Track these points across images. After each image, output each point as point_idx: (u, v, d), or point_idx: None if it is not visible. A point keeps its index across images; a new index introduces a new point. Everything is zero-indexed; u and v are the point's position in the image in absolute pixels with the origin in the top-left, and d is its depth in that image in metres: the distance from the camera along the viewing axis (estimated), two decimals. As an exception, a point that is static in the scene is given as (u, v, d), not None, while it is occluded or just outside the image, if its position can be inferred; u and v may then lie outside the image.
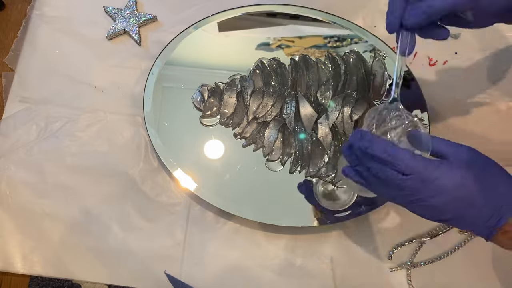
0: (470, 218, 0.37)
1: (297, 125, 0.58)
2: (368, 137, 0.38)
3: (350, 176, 0.41)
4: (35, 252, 0.53)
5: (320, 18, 0.66)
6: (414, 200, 0.37)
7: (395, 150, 0.37)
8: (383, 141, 0.38)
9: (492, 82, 0.65)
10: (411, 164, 0.36)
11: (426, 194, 0.37)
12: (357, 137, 0.39)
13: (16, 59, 0.62)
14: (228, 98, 0.60)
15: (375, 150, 0.37)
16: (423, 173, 0.36)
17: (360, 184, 0.41)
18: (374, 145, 0.37)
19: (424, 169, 0.36)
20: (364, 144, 0.38)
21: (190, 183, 0.55)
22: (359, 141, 0.38)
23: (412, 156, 0.37)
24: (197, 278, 0.53)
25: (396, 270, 0.55)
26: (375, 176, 0.38)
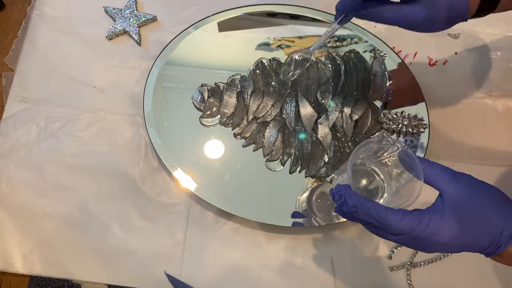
0: (469, 250, 0.37)
1: (297, 125, 0.58)
2: (352, 202, 0.37)
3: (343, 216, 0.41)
4: (35, 252, 0.53)
5: (320, 18, 0.66)
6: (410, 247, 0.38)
7: (382, 214, 0.36)
8: (369, 205, 0.37)
9: (492, 82, 0.66)
10: (400, 226, 0.36)
11: (420, 247, 0.37)
12: (341, 201, 0.38)
13: (16, 59, 0.62)
14: (228, 98, 0.60)
15: (361, 216, 0.37)
16: (413, 233, 0.36)
17: None
18: (360, 211, 0.37)
19: (413, 230, 0.36)
20: (349, 209, 0.37)
21: (190, 183, 0.55)
22: (344, 206, 0.38)
23: (400, 218, 0.36)
24: (197, 278, 0.53)
25: (396, 270, 0.55)
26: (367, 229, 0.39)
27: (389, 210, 0.36)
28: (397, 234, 0.36)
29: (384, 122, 0.58)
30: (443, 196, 0.37)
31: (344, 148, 0.57)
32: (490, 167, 0.60)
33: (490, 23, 0.69)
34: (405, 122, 0.58)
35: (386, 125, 0.58)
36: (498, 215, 0.36)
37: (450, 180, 0.37)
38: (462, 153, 0.61)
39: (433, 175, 0.38)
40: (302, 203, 0.55)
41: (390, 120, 0.58)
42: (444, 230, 0.36)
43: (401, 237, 0.36)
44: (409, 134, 0.58)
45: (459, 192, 0.37)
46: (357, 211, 0.37)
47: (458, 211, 0.36)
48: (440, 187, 0.37)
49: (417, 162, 0.38)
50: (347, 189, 0.38)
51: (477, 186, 0.38)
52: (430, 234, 0.35)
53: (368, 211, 0.36)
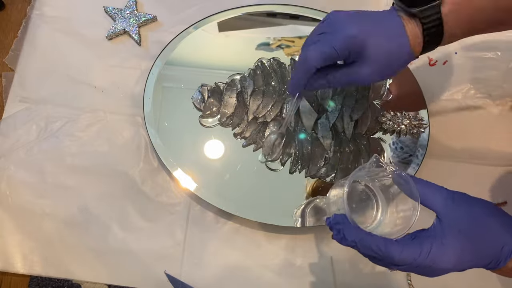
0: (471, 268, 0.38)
1: (297, 125, 0.58)
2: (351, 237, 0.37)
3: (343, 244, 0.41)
4: (35, 252, 0.53)
5: (320, 18, 0.66)
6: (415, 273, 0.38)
7: (382, 248, 0.36)
8: (369, 239, 0.37)
9: (492, 82, 0.65)
10: (401, 257, 0.36)
11: (424, 273, 0.38)
12: (340, 236, 0.38)
13: (16, 59, 0.62)
14: (228, 98, 0.60)
15: (362, 250, 0.37)
16: (415, 263, 0.36)
17: None
18: (360, 246, 0.37)
19: (414, 260, 0.36)
20: (349, 244, 0.38)
21: (190, 183, 0.55)
22: (343, 241, 0.38)
23: (401, 250, 0.36)
24: (197, 278, 0.53)
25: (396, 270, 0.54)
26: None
27: (388, 243, 0.37)
28: (399, 265, 0.37)
29: (384, 122, 0.58)
30: (440, 218, 0.37)
31: (344, 148, 0.57)
32: (490, 167, 0.60)
33: (490, 23, 0.69)
34: (405, 122, 0.58)
35: (386, 125, 0.58)
36: (497, 232, 0.37)
37: (446, 201, 0.38)
38: (462, 153, 0.61)
39: (428, 196, 0.38)
40: (296, 221, 0.54)
41: (390, 120, 0.58)
42: (445, 257, 0.36)
43: (403, 267, 0.37)
44: (409, 134, 0.58)
45: (456, 213, 0.37)
46: (357, 246, 0.37)
47: (457, 234, 0.36)
48: (437, 209, 0.38)
49: (412, 185, 0.38)
50: (345, 222, 0.38)
51: (473, 205, 0.38)
52: (432, 262, 0.36)
53: (368, 245, 0.37)
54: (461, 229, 0.37)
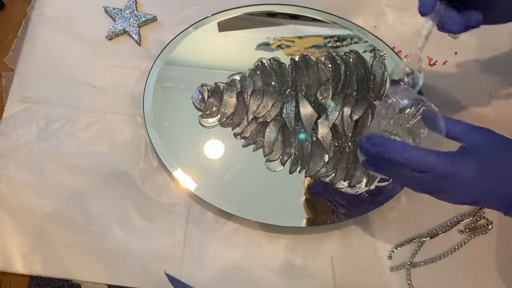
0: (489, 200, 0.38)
1: (297, 125, 0.58)
2: (381, 141, 0.38)
3: (370, 170, 0.42)
4: (35, 252, 0.53)
5: (320, 18, 0.66)
6: (433, 191, 0.39)
7: (410, 151, 0.37)
8: (397, 143, 0.38)
9: (492, 82, 0.65)
10: (427, 160, 0.37)
11: (443, 187, 0.38)
12: (369, 143, 0.39)
13: (16, 59, 0.62)
14: (228, 98, 0.60)
15: (390, 154, 0.38)
16: (437, 170, 0.37)
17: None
18: (388, 149, 0.38)
19: (438, 166, 0.37)
20: (378, 150, 0.38)
21: (190, 183, 0.55)
22: (372, 148, 0.39)
23: (425, 154, 0.37)
24: (197, 278, 0.53)
25: (396, 270, 0.55)
26: (393, 176, 0.40)
27: (415, 148, 0.38)
28: (423, 172, 0.37)
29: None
30: (464, 144, 0.38)
31: (344, 148, 0.57)
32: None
33: (490, 23, 0.69)
34: None
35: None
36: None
37: (471, 131, 0.39)
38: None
39: (453, 127, 0.40)
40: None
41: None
42: (468, 167, 0.37)
43: (426, 174, 0.37)
44: (409, 134, 0.58)
45: (480, 140, 0.38)
46: (384, 150, 0.38)
47: (481, 154, 0.37)
48: (462, 138, 0.39)
49: (439, 117, 0.40)
50: (375, 133, 0.40)
51: (497, 137, 0.39)
52: (455, 170, 0.36)
53: (395, 149, 0.37)
54: (485, 151, 0.37)
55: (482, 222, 0.57)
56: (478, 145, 0.38)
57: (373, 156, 0.40)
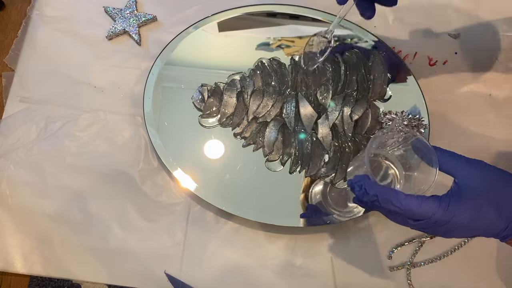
0: (485, 234, 0.38)
1: (297, 125, 0.58)
2: (373, 191, 0.38)
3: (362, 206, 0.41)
4: (35, 252, 0.53)
5: (320, 18, 0.66)
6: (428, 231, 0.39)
7: (403, 201, 0.37)
8: (390, 193, 0.38)
9: (492, 82, 0.65)
10: (420, 210, 0.37)
11: (438, 231, 0.38)
12: (362, 192, 0.39)
13: (16, 59, 0.62)
14: (228, 98, 0.59)
15: (383, 204, 0.38)
16: (432, 219, 0.37)
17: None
18: (381, 200, 0.37)
19: (433, 215, 0.37)
20: (370, 199, 0.38)
21: (190, 183, 0.55)
22: (365, 196, 0.38)
23: (420, 203, 0.37)
24: (197, 278, 0.53)
25: (396, 270, 0.55)
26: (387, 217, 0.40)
27: (409, 197, 0.37)
28: (418, 220, 0.37)
29: (384, 122, 0.58)
30: (458, 181, 0.38)
31: (344, 148, 0.57)
32: (490, 167, 0.60)
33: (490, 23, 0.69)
34: (405, 122, 0.58)
35: (386, 125, 0.58)
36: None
37: (463, 166, 0.39)
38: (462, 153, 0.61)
39: (447, 162, 0.39)
40: (316, 195, 0.54)
41: (390, 120, 0.58)
42: (462, 212, 0.36)
43: (421, 222, 0.37)
44: (409, 134, 0.58)
45: (473, 176, 0.38)
46: (378, 200, 0.38)
47: (474, 193, 0.37)
48: (454, 173, 0.39)
49: (431, 150, 0.39)
50: (366, 178, 0.39)
51: (490, 170, 0.39)
52: (450, 217, 0.36)
53: (389, 199, 0.37)
54: (478, 190, 0.37)
55: (482, 222, 0.57)
56: (471, 182, 0.38)
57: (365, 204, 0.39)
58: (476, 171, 0.38)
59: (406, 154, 0.44)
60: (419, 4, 0.70)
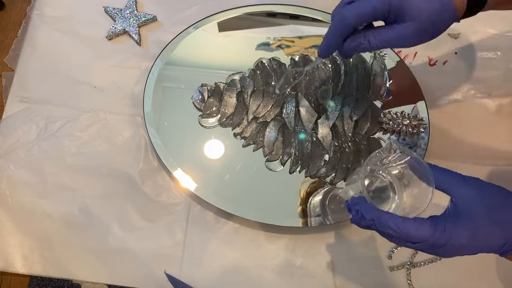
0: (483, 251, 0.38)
1: (297, 125, 0.58)
2: (370, 216, 0.38)
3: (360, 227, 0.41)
4: (35, 252, 0.53)
5: (320, 18, 0.66)
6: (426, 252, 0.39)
7: (400, 225, 0.37)
8: (387, 217, 0.38)
9: (492, 82, 0.65)
10: (418, 234, 0.37)
11: (436, 252, 0.38)
12: (359, 216, 0.39)
13: (16, 59, 0.62)
14: (228, 98, 0.59)
15: (379, 228, 0.38)
16: (429, 241, 0.37)
17: None
18: (377, 224, 0.38)
19: (430, 238, 0.37)
20: (367, 223, 0.38)
21: (190, 183, 0.55)
22: (362, 220, 0.38)
23: (417, 226, 0.37)
24: (197, 278, 0.53)
25: (396, 270, 0.55)
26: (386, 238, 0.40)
27: (406, 221, 0.37)
28: (416, 242, 0.37)
29: (384, 122, 0.58)
30: (455, 200, 0.38)
31: (344, 148, 0.57)
32: (490, 167, 0.60)
33: (490, 23, 0.69)
34: (405, 122, 0.58)
35: (386, 125, 0.58)
36: (509, 214, 0.37)
37: (460, 185, 0.38)
38: (462, 153, 0.61)
39: (443, 180, 0.39)
40: (315, 208, 0.54)
41: (390, 120, 0.58)
42: (460, 234, 0.36)
43: (419, 244, 0.37)
44: (409, 134, 0.58)
45: (470, 195, 0.38)
46: (374, 224, 0.38)
47: (471, 213, 0.37)
48: (451, 192, 0.38)
49: (427, 169, 0.39)
50: (363, 202, 0.39)
51: (486, 188, 0.38)
52: (447, 239, 0.36)
53: (386, 223, 0.37)
54: (475, 209, 0.37)
55: (482, 222, 0.56)
56: (468, 202, 0.38)
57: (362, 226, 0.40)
58: (473, 190, 0.38)
59: (402, 172, 0.44)
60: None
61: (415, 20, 0.42)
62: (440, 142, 0.61)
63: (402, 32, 0.42)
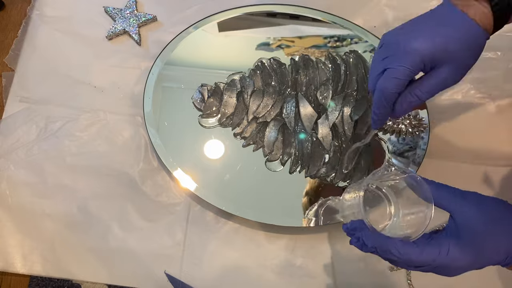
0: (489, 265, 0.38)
1: (297, 125, 0.58)
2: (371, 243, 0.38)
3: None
4: (35, 252, 0.53)
5: (320, 18, 0.66)
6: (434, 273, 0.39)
7: (402, 251, 0.37)
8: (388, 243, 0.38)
9: (492, 82, 0.65)
10: (421, 259, 0.37)
11: (440, 272, 0.38)
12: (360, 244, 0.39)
13: (16, 59, 0.62)
14: (228, 98, 0.59)
15: (381, 254, 0.38)
16: (434, 263, 0.37)
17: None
18: (379, 251, 0.38)
19: (433, 261, 0.37)
20: (369, 251, 0.38)
21: (190, 183, 0.55)
22: (364, 248, 0.38)
23: (420, 252, 0.37)
24: (197, 278, 0.53)
25: (396, 270, 0.54)
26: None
27: (407, 246, 0.37)
28: (419, 266, 0.37)
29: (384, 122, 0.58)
30: (454, 218, 0.38)
31: (344, 148, 0.57)
32: (490, 167, 0.60)
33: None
34: (405, 122, 0.58)
35: (386, 125, 0.58)
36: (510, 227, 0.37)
37: (459, 201, 0.38)
38: (462, 153, 0.61)
39: (441, 197, 0.39)
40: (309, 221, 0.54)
41: (390, 120, 0.58)
42: (463, 255, 0.37)
43: (423, 268, 0.38)
44: (409, 134, 0.58)
45: (469, 211, 0.37)
46: (377, 251, 0.38)
47: (473, 230, 0.37)
48: (450, 209, 0.38)
49: (425, 187, 0.39)
50: (363, 228, 0.39)
51: (486, 203, 0.38)
52: (451, 260, 0.37)
53: (387, 250, 0.37)
54: (476, 226, 0.37)
55: (482, 222, 0.56)
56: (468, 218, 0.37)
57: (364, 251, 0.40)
58: (472, 206, 0.38)
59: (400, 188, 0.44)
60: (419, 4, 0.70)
61: (453, 60, 0.41)
62: (440, 142, 0.61)
63: (444, 77, 0.42)
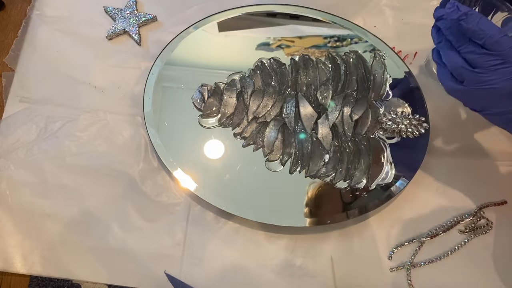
0: None
1: (297, 125, 0.58)
2: (465, 9, 0.38)
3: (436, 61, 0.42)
4: (35, 252, 0.53)
5: (320, 18, 0.66)
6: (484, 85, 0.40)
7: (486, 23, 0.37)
8: (478, 13, 0.38)
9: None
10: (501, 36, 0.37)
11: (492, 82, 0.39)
12: (453, 9, 0.39)
13: (16, 59, 0.62)
14: (228, 98, 0.60)
15: (469, 24, 0.38)
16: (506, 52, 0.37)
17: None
18: (469, 18, 0.38)
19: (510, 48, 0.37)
20: (460, 16, 0.38)
21: (190, 183, 0.55)
22: (455, 13, 0.38)
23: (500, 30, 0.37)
24: (197, 278, 0.53)
25: (396, 270, 0.55)
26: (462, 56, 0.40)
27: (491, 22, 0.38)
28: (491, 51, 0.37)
29: (384, 122, 0.58)
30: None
31: (344, 148, 0.57)
32: (490, 166, 0.60)
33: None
34: (405, 122, 0.58)
35: (386, 125, 0.58)
36: None
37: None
38: (462, 152, 0.61)
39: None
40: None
41: (390, 120, 0.58)
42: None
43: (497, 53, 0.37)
44: (409, 134, 0.58)
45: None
46: (466, 19, 0.38)
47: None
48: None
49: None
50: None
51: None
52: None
53: (476, 19, 0.37)
54: None
55: (482, 222, 0.57)
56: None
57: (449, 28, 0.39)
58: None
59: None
60: (419, 4, 0.70)
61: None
62: (440, 142, 0.61)
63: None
